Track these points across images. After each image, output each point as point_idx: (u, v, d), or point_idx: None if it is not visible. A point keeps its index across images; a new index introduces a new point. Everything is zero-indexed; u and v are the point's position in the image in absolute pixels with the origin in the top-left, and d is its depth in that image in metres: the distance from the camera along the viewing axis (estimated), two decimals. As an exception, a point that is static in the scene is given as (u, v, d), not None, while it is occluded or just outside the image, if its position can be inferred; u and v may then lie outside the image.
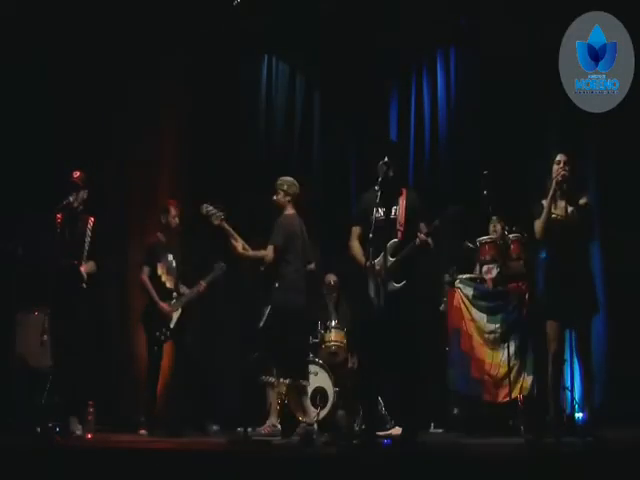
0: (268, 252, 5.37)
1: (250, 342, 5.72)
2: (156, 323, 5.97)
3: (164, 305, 5.98)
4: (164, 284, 6.06)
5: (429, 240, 4.63)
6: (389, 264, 4.64)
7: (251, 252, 5.49)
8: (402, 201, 4.79)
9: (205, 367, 6.79)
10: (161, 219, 6.19)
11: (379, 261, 4.65)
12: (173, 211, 6.13)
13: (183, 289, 6.12)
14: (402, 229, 4.73)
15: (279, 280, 5.39)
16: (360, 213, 4.88)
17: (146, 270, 6.07)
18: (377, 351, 4.65)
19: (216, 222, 5.53)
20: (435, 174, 7.42)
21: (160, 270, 6.07)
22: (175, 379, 6.29)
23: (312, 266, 5.69)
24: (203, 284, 6.10)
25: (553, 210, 4.87)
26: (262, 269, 5.64)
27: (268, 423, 5.36)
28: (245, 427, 5.18)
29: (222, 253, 6.04)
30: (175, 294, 6.07)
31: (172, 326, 5.97)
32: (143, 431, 5.89)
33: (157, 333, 5.94)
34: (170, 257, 6.12)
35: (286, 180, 5.64)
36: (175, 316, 6.00)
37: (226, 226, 5.51)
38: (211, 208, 5.57)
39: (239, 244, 5.46)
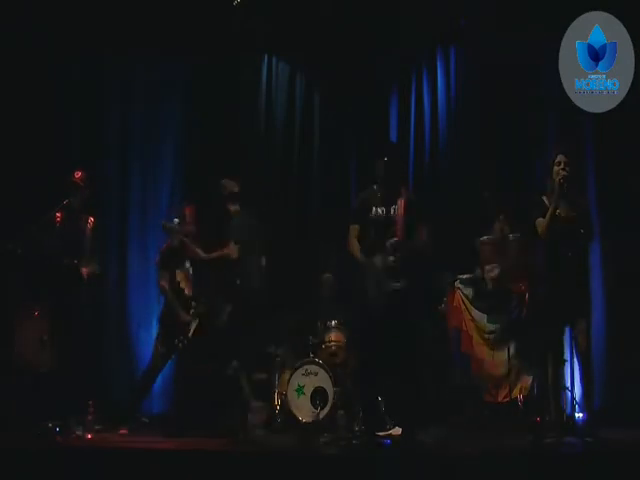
0: (231, 250, 5.38)
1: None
2: (176, 329, 5.85)
3: (184, 315, 5.86)
4: (182, 291, 5.95)
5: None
6: (389, 263, 4.64)
7: (214, 253, 5.50)
8: (401, 201, 4.79)
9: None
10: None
11: (378, 260, 4.66)
12: (189, 217, 5.97)
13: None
14: (402, 229, 4.74)
15: (240, 278, 5.37)
16: (358, 212, 4.89)
17: (165, 276, 5.93)
18: (377, 351, 4.66)
19: (176, 240, 5.88)
20: (435, 174, 7.41)
21: (179, 277, 5.95)
22: (182, 382, 6.29)
23: (263, 262, 5.71)
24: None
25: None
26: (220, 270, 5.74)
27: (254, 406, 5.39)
28: (245, 427, 5.19)
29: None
30: (193, 303, 5.95)
31: (190, 335, 5.84)
32: (124, 431, 5.70)
33: (176, 340, 5.82)
34: (188, 264, 6.01)
35: (222, 183, 5.67)
36: (193, 326, 5.88)
37: (186, 241, 5.79)
38: (171, 224, 5.87)
39: (198, 252, 5.55)
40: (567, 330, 4.87)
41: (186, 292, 5.98)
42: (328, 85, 7.81)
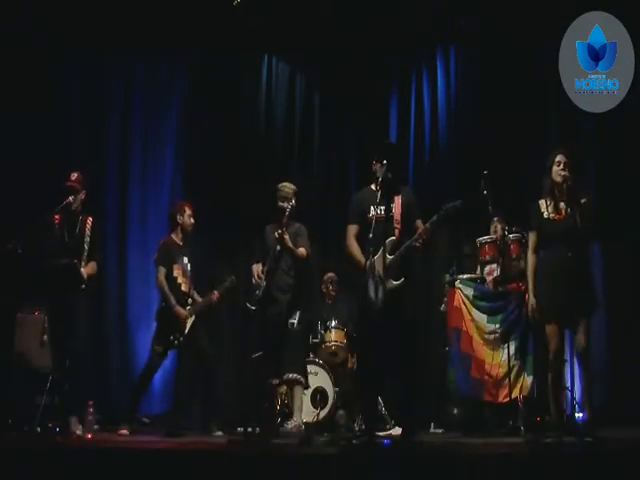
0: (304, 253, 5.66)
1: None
2: (171, 326, 5.87)
3: (180, 310, 5.89)
4: (179, 286, 5.97)
5: (426, 235, 4.64)
6: (387, 262, 4.64)
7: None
8: (398, 199, 4.80)
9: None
10: (177, 220, 6.06)
11: (377, 259, 4.65)
12: (188, 212, 6.03)
13: (196, 296, 6.06)
14: (399, 227, 4.75)
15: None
16: (356, 212, 4.89)
17: (162, 271, 5.95)
18: (377, 350, 4.65)
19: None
20: (435, 174, 7.41)
21: (176, 272, 5.97)
22: (182, 382, 6.29)
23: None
24: (216, 294, 6.05)
25: (552, 212, 4.88)
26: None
27: (296, 421, 5.39)
28: (245, 427, 5.18)
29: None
30: (190, 300, 5.99)
31: (186, 332, 5.87)
32: (124, 431, 5.70)
33: (171, 337, 5.86)
34: (185, 260, 6.03)
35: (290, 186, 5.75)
36: (189, 322, 5.91)
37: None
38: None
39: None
40: (567, 330, 4.86)
41: (183, 288, 5.99)
42: (328, 85, 7.81)
